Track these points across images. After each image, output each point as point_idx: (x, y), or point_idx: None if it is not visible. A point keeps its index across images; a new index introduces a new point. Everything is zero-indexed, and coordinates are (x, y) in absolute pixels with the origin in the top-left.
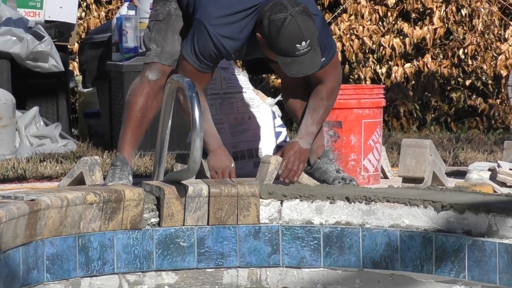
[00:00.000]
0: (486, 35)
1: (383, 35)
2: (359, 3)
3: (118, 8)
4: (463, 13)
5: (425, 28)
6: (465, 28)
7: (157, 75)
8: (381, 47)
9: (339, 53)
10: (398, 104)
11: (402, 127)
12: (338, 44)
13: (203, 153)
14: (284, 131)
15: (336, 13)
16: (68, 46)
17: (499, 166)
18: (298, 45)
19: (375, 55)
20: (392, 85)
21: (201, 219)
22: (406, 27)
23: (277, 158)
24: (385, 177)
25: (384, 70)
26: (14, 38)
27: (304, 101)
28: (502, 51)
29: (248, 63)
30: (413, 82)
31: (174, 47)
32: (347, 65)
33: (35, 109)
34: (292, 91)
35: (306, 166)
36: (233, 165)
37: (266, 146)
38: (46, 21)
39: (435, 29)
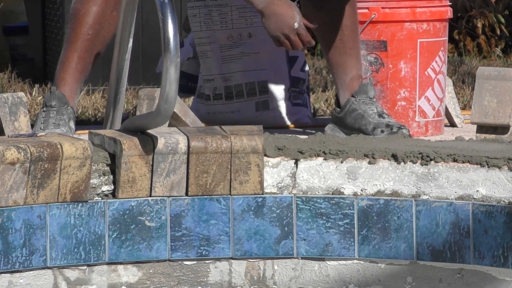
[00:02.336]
0: None
1: None
2: None
3: None
4: None
5: None
6: None
7: None
8: None
9: None
10: (473, 15)
11: (480, 50)
12: None
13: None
14: (301, 55)
15: None
16: None
17: None
18: None
19: None
20: None
21: (177, 186)
22: None
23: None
24: (452, 124)
25: None
26: None
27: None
28: None
29: None
30: None
31: None
32: None
33: None
34: None
35: (335, 108)
36: (297, 25)
37: (275, 78)
38: None
39: None
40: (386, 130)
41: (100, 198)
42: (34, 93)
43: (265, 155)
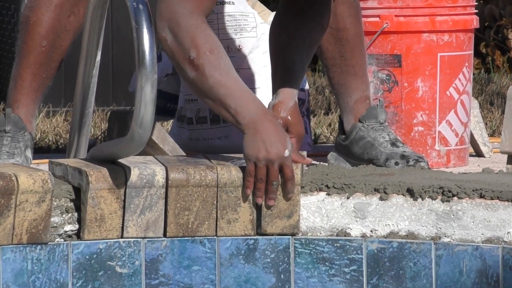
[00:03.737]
0: None
1: None
2: None
3: None
4: None
5: None
6: None
7: None
8: None
9: None
10: (503, 24)
11: (511, 66)
12: None
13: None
14: None
15: None
16: None
17: None
18: None
19: None
20: None
21: (153, 226)
22: None
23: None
24: (478, 154)
25: None
26: None
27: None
28: None
29: None
30: None
31: None
32: None
33: None
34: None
35: (339, 135)
36: (287, 153)
37: (269, 98)
38: None
39: None
40: (401, 162)
41: (62, 240)
42: None
43: None
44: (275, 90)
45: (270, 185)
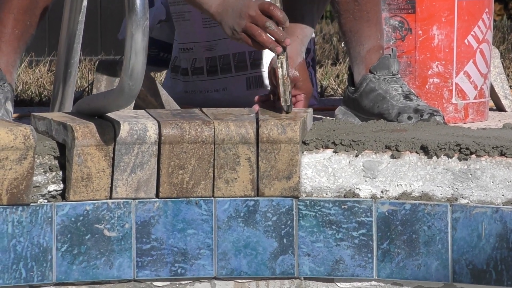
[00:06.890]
0: None
1: None
2: None
3: None
4: None
5: None
6: None
7: None
8: None
9: None
10: None
11: None
12: None
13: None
14: None
15: None
16: None
17: None
18: None
19: None
20: None
21: (145, 186)
22: None
23: None
24: (499, 108)
25: None
26: None
27: None
28: None
29: None
30: None
31: None
32: None
33: None
34: None
35: (348, 87)
36: (253, 12)
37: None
38: None
39: None
40: (415, 116)
41: (46, 201)
42: None
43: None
44: None
45: (268, 30)
